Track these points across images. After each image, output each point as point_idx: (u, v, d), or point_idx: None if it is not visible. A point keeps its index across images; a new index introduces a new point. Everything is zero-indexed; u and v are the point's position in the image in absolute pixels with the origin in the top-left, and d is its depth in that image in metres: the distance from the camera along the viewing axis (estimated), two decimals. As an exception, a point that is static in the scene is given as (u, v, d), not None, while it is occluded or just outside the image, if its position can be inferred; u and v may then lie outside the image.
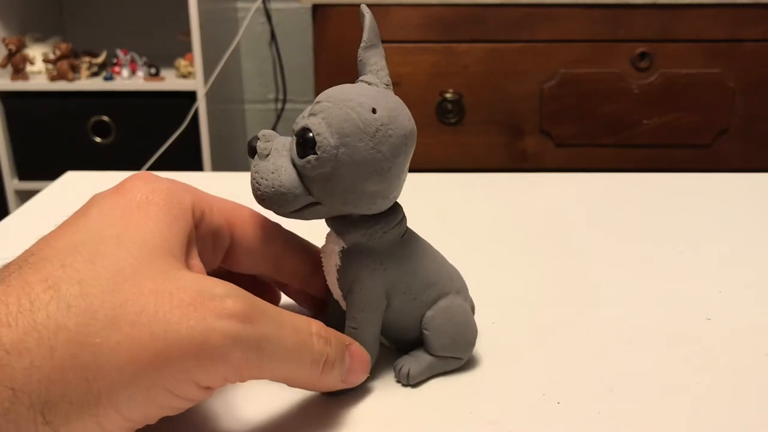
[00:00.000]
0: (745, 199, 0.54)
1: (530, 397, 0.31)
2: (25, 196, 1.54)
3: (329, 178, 0.27)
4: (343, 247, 0.30)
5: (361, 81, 0.29)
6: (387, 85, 0.29)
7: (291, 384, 0.27)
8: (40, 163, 1.55)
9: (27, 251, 0.25)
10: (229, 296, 0.24)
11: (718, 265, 0.43)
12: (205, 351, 0.23)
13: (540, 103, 1.22)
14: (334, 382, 0.28)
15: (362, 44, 0.30)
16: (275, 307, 0.26)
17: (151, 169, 1.46)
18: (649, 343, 0.35)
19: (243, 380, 0.25)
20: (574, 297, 0.39)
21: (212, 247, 0.30)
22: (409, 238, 0.31)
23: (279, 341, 0.25)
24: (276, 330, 0.25)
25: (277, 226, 0.32)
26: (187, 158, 1.50)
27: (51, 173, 0.72)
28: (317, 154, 0.27)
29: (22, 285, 0.22)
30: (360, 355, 0.29)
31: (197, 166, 1.51)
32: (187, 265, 0.26)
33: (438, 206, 0.53)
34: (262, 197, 0.28)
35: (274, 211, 0.29)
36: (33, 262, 0.23)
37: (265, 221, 0.32)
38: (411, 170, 0.31)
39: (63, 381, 0.21)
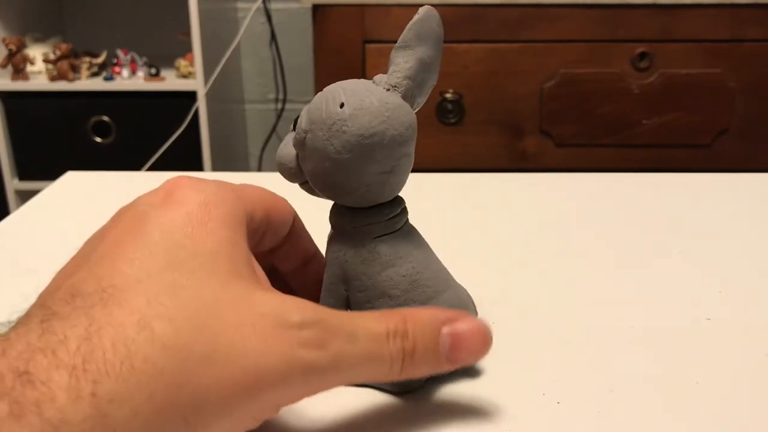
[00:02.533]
0: (745, 199, 0.54)
1: (530, 397, 0.31)
2: (25, 196, 1.54)
3: (303, 158, 0.30)
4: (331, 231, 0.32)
5: (373, 78, 0.30)
6: (393, 86, 0.29)
7: (368, 381, 0.28)
8: (40, 163, 1.55)
9: (93, 275, 0.23)
10: (304, 324, 0.24)
11: (718, 265, 0.43)
12: (287, 381, 0.24)
13: (540, 103, 1.22)
14: (428, 369, 0.27)
15: (396, 43, 0.30)
16: (346, 314, 0.26)
17: (151, 169, 1.46)
18: (649, 343, 0.35)
19: (319, 392, 0.26)
20: (573, 297, 0.39)
21: (253, 241, 0.30)
22: (396, 245, 0.30)
23: (355, 355, 0.25)
24: (350, 345, 0.25)
25: (293, 211, 0.33)
26: (187, 158, 1.50)
27: (51, 173, 0.72)
28: (295, 132, 0.30)
29: (113, 326, 0.21)
30: (469, 332, 0.27)
31: (197, 166, 1.51)
32: (256, 280, 0.27)
33: (438, 206, 0.53)
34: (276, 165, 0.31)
35: (290, 181, 0.31)
36: (113, 294, 0.23)
37: (287, 205, 0.32)
38: (411, 170, 0.31)
39: (162, 424, 0.21)
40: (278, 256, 0.33)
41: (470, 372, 0.32)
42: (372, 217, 0.30)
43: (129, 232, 0.25)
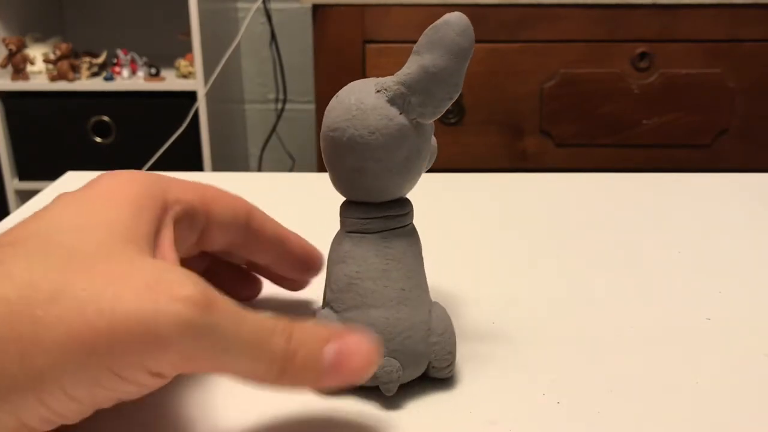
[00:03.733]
0: (745, 199, 0.54)
1: (530, 397, 0.31)
2: (25, 196, 1.54)
3: None
4: None
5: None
6: (383, 89, 0.29)
7: (256, 383, 0.25)
8: (40, 163, 1.55)
9: None
10: (188, 282, 0.23)
11: (718, 265, 0.43)
12: (152, 334, 0.22)
13: (540, 103, 1.22)
14: (303, 381, 0.25)
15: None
16: (238, 304, 0.24)
17: (151, 169, 1.46)
18: (649, 343, 0.35)
19: (196, 371, 0.24)
20: (573, 297, 0.39)
21: (188, 228, 0.30)
22: (358, 244, 0.30)
23: (233, 335, 0.23)
24: (232, 324, 0.23)
25: (247, 204, 0.32)
26: (187, 158, 1.50)
27: (51, 173, 0.72)
28: None
29: None
30: (353, 351, 0.26)
31: (197, 166, 1.51)
32: (156, 255, 0.26)
33: (438, 206, 0.53)
34: None
35: None
36: None
37: (237, 200, 0.32)
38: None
39: (2, 354, 0.20)
40: (250, 251, 0.33)
41: (470, 372, 0.32)
42: (350, 211, 0.31)
43: (39, 212, 0.26)
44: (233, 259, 0.35)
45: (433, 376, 0.31)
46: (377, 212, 0.30)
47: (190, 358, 0.23)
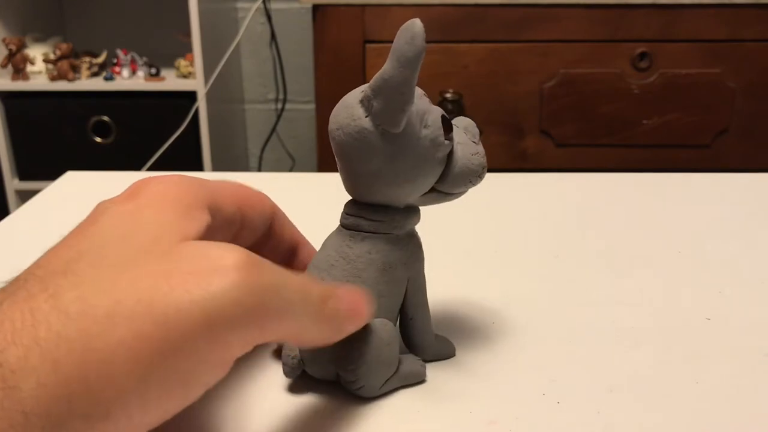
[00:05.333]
0: (745, 199, 0.54)
1: (530, 397, 0.31)
2: (25, 196, 1.54)
3: None
4: None
5: None
6: (362, 90, 0.29)
7: (294, 342, 0.25)
8: (40, 163, 1.55)
9: (34, 264, 0.23)
10: (229, 252, 0.22)
11: (718, 265, 0.43)
12: (212, 317, 0.21)
13: (540, 103, 1.22)
14: (340, 334, 0.26)
15: None
16: (272, 262, 0.25)
17: (151, 169, 1.46)
18: (649, 343, 0.35)
19: (261, 341, 0.23)
20: (573, 297, 0.40)
21: (226, 234, 0.30)
22: (335, 238, 0.31)
23: (284, 289, 0.23)
24: (279, 277, 0.23)
25: (273, 205, 0.32)
26: (187, 158, 1.50)
27: (51, 173, 0.72)
28: None
29: (26, 299, 0.21)
30: (350, 297, 0.27)
31: (197, 166, 1.51)
32: None
33: (438, 206, 0.53)
34: None
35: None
36: (39, 275, 0.22)
37: (265, 200, 0.32)
38: None
39: (69, 396, 0.20)
40: (264, 251, 0.33)
41: (470, 372, 0.32)
42: (347, 206, 0.31)
43: (82, 227, 0.25)
44: None
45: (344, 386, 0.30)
46: (353, 209, 0.30)
47: (251, 327, 0.22)
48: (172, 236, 0.23)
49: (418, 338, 0.32)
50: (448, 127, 0.29)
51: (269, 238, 0.33)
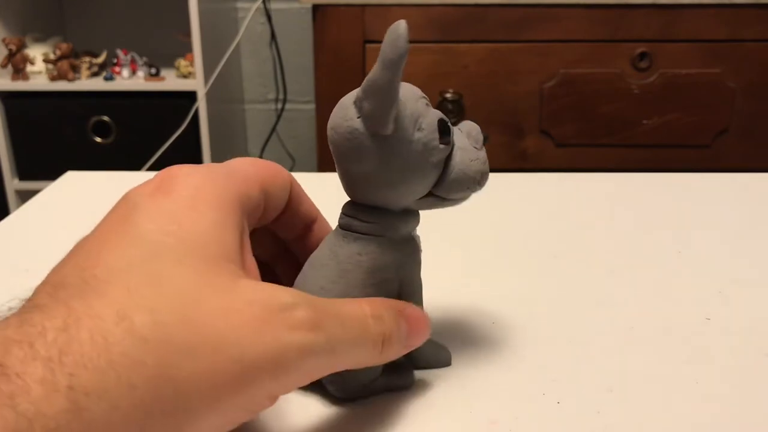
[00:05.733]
0: (745, 199, 0.54)
1: (530, 397, 0.31)
2: (25, 196, 1.54)
3: None
4: None
5: None
6: (357, 92, 0.29)
7: (352, 368, 0.27)
8: (40, 163, 1.55)
9: (76, 265, 0.23)
10: (296, 306, 0.24)
11: (718, 265, 0.43)
12: (281, 367, 0.23)
13: (540, 103, 1.22)
14: (396, 353, 0.28)
15: None
16: (332, 301, 0.26)
17: (151, 169, 1.46)
18: (649, 343, 0.35)
19: (311, 381, 0.25)
20: (573, 297, 0.39)
21: (253, 220, 0.29)
22: (331, 237, 0.31)
23: (346, 339, 0.25)
24: (341, 329, 0.25)
25: (291, 178, 0.32)
26: (187, 158, 1.50)
27: (51, 173, 0.72)
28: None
29: (91, 317, 0.21)
30: (417, 317, 0.29)
31: (197, 166, 1.51)
32: (244, 267, 0.26)
33: (438, 206, 0.53)
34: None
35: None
36: (93, 284, 0.22)
37: (285, 175, 0.31)
38: None
39: (144, 419, 0.20)
40: (279, 224, 0.33)
41: (470, 372, 0.32)
42: (345, 206, 0.31)
43: (117, 223, 0.25)
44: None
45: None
46: (349, 210, 0.30)
47: (311, 375, 0.24)
48: (217, 254, 0.24)
49: None
50: (445, 132, 0.28)
51: (286, 212, 0.32)
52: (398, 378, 0.31)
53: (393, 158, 0.28)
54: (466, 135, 0.30)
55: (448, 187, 0.29)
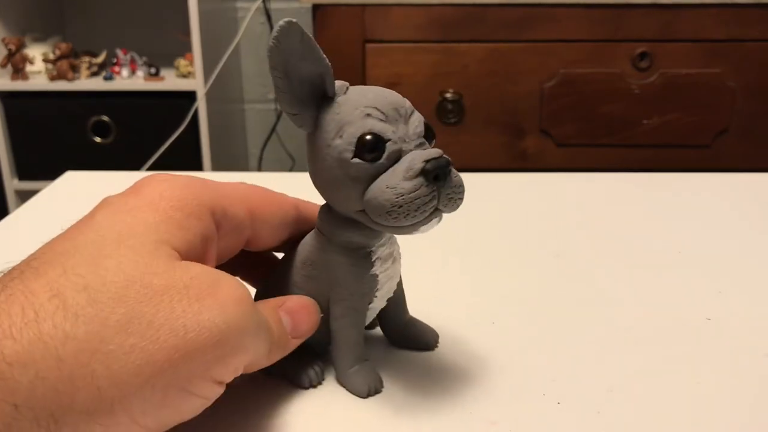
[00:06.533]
0: (745, 199, 0.54)
1: (530, 397, 0.31)
2: (25, 196, 1.54)
3: None
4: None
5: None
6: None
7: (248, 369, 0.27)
8: (40, 163, 1.55)
9: (30, 256, 0.24)
10: (238, 283, 0.25)
11: (718, 265, 0.43)
12: (227, 341, 0.23)
13: (540, 103, 1.22)
14: (282, 352, 0.28)
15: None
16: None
17: (150, 169, 1.46)
18: (649, 343, 0.35)
19: (246, 371, 0.25)
20: (574, 297, 0.39)
21: (234, 240, 0.29)
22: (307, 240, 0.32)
23: (270, 327, 0.27)
24: (268, 317, 0.27)
25: (294, 201, 0.32)
26: (187, 158, 1.50)
27: (51, 173, 0.72)
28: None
29: (25, 293, 0.21)
30: (298, 308, 0.29)
31: (197, 166, 1.51)
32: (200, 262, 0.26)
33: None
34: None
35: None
36: (35, 267, 0.23)
37: (283, 201, 0.32)
38: None
39: (72, 391, 0.20)
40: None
41: (470, 372, 0.32)
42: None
43: (81, 221, 0.25)
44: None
45: None
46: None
47: (248, 356, 0.24)
48: (166, 241, 0.24)
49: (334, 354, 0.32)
50: (369, 149, 0.27)
51: (301, 232, 0.32)
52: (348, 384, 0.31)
53: (317, 159, 0.28)
54: (409, 161, 0.27)
55: (368, 209, 0.28)
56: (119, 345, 0.21)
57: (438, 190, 0.27)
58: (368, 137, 0.27)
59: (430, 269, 0.43)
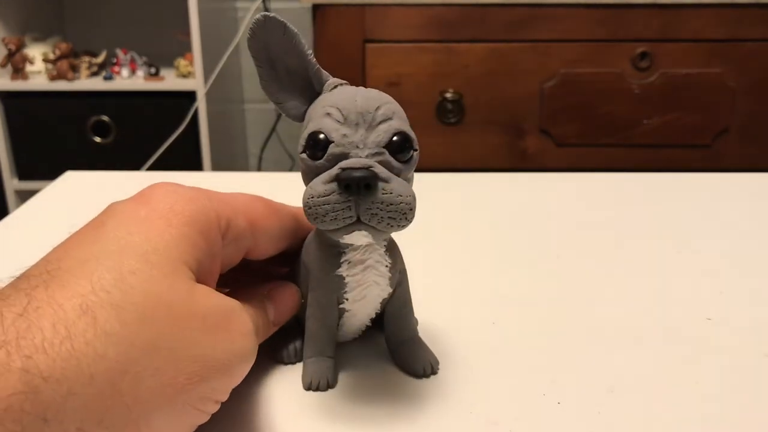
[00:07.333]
0: (745, 199, 0.54)
1: (530, 397, 0.30)
2: (25, 196, 1.54)
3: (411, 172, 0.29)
4: (385, 243, 0.30)
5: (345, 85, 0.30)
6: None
7: None
8: (40, 163, 1.55)
9: (44, 260, 0.24)
10: (248, 317, 0.27)
11: (718, 265, 0.43)
12: (233, 369, 0.26)
13: (540, 103, 1.22)
14: (264, 339, 0.30)
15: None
16: (254, 304, 0.30)
17: (150, 169, 1.46)
18: (649, 343, 0.35)
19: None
20: (574, 297, 0.39)
21: (235, 251, 0.30)
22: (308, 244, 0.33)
23: (259, 324, 0.29)
24: (265, 329, 0.30)
25: (294, 212, 0.33)
26: (186, 158, 1.50)
27: (51, 173, 0.72)
28: (416, 149, 0.28)
29: (52, 306, 0.22)
30: (286, 295, 0.32)
31: (197, 166, 1.51)
32: (207, 282, 0.27)
33: (438, 206, 0.53)
34: (412, 216, 0.27)
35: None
36: (57, 276, 0.23)
37: (284, 212, 0.32)
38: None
39: (102, 409, 0.21)
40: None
41: (470, 372, 0.32)
42: None
43: (91, 228, 0.26)
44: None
45: None
46: None
47: (243, 375, 0.27)
48: (186, 267, 0.26)
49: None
50: (311, 146, 0.27)
51: (298, 243, 0.33)
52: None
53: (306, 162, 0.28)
54: (337, 166, 0.27)
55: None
56: (145, 367, 0.22)
57: (356, 201, 0.26)
58: (314, 135, 0.27)
59: (431, 269, 0.43)
